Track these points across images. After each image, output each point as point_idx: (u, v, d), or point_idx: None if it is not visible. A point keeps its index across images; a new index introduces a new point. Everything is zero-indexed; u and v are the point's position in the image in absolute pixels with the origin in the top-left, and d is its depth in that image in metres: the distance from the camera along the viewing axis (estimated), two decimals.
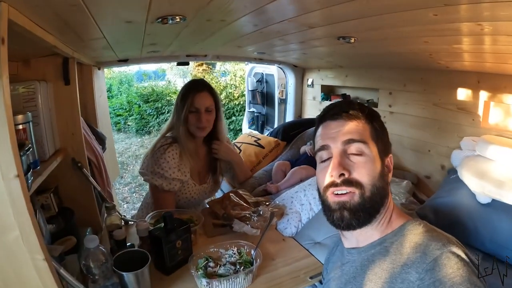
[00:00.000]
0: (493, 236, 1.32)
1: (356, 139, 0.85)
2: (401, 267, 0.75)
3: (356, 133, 0.86)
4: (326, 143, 0.89)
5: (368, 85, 2.67)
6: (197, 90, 1.77)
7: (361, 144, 0.85)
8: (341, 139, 0.86)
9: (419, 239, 0.78)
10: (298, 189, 1.82)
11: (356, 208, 0.83)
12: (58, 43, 1.22)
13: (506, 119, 1.71)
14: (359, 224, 0.84)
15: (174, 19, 1.09)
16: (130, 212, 4.74)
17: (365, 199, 0.83)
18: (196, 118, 1.76)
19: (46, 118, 1.38)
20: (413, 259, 0.74)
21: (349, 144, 0.86)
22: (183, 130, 1.76)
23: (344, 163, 0.84)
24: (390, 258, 0.79)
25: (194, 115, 1.76)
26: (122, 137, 9.15)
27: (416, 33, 1.28)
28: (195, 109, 1.75)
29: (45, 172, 1.23)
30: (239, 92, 8.42)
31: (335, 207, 0.85)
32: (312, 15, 1.14)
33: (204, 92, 1.78)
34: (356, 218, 0.83)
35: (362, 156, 0.85)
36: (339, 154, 0.86)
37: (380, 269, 0.80)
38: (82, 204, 1.63)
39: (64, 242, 1.35)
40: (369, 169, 0.84)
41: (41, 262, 0.84)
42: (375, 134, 0.89)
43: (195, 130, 1.78)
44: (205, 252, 1.32)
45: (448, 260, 0.69)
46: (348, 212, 0.83)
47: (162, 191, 1.71)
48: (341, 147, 0.86)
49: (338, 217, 0.85)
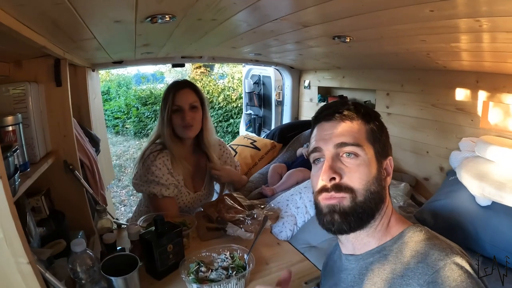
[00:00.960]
0: (494, 239, 1.30)
1: (349, 142, 0.81)
2: (402, 278, 0.71)
3: (349, 135, 0.82)
4: (318, 145, 0.85)
5: (365, 86, 2.66)
6: (178, 88, 1.69)
7: (354, 147, 0.80)
8: (333, 142, 0.82)
9: (421, 247, 0.74)
10: (294, 192, 1.80)
11: (346, 212, 0.79)
12: (48, 44, 1.19)
13: (505, 119, 1.69)
14: (350, 228, 0.80)
15: (163, 18, 1.07)
16: (127, 215, 4.71)
17: (357, 203, 0.79)
18: (181, 117, 1.66)
19: (37, 119, 1.36)
20: (415, 269, 0.70)
21: (341, 147, 0.81)
22: (168, 133, 1.68)
23: (335, 167, 0.80)
24: (390, 268, 0.75)
25: (177, 114, 1.67)
26: (120, 139, 9.12)
27: (413, 31, 1.26)
28: (177, 107, 1.67)
29: (34, 175, 1.21)
30: (237, 95, 8.42)
31: (326, 210, 0.81)
32: (305, 12, 1.12)
33: (186, 89, 1.70)
34: (347, 222, 0.79)
35: (356, 159, 0.80)
36: (331, 157, 0.82)
37: (380, 279, 0.76)
38: (74, 207, 1.60)
39: (54, 245, 1.33)
40: (362, 173, 0.80)
41: (25, 265, 0.81)
42: (372, 135, 0.84)
43: (182, 131, 1.69)
44: (197, 257, 1.28)
45: (452, 272, 0.66)
46: (339, 216, 0.80)
47: (162, 197, 1.64)
48: (333, 150, 0.82)
49: (329, 220, 0.81)
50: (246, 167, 2.60)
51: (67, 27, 1.11)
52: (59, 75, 1.46)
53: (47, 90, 1.45)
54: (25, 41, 0.99)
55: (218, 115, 8.51)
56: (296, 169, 2.20)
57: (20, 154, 1.14)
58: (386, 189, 0.84)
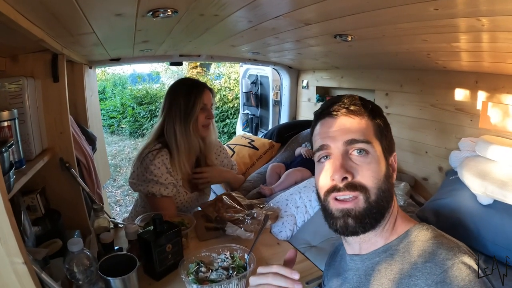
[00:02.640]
0: (496, 238, 1.30)
1: (359, 139, 0.77)
2: (409, 278, 0.70)
3: (359, 131, 0.78)
4: (325, 143, 0.80)
5: (364, 86, 2.65)
6: (202, 87, 1.72)
7: (364, 144, 0.77)
8: (343, 139, 0.78)
9: (428, 246, 0.72)
10: (293, 192, 1.78)
11: (362, 215, 0.76)
12: (45, 37, 1.17)
13: (504, 120, 1.69)
14: (364, 230, 0.77)
15: (165, 12, 1.05)
16: (122, 215, 4.68)
17: (371, 203, 0.76)
18: (206, 116, 1.72)
19: (33, 115, 1.33)
20: (422, 269, 0.69)
21: (351, 144, 0.77)
22: (193, 133, 1.69)
23: (346, 165, 0.77)
24: (397, 268, 0.74)
25: (203, 113, 1.71)
26: (115, 139, 9.06)
27: (415, 31, 1.25)
28: (204, 106, 1.71)
29: (30, 172, 1.18)
30: (233, 95, 8.40)
31: (338, 214, 0.78)
32: (308, 9, 1.10)
33: (207, 90, 1.74)
34: (361, 226, 0.76)
35: (366, 156, 0.77)
36: (341, 155, 0.78)
37: (387, 279, 0.74)
38: (70, 206, 1.57)
39: (49, 245, 1.30)
40: (373, 171, 0.76)
41: (20, 265, 0.79)
42: (379, 131, 0.81)
43: (203, 130, 1.73)
44: (196, 257, 1.25)
45: (460, 271, 0.64)
46: (354, 220, 0.76)
47: (161, 196, 1.62)
48: (342, 148, 0.78)
49: (342, 225, 0.77)
50: (244, 166, 2.59)
51: (66, 19, 1.08)
52: (56, 70, 1.44)
53: (44, 86, 1.42)
54: (23, 32, 0.96)
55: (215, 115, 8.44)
56: (295, 169, 2.18)
57: (15, 150, 1.12)
58: (393, 187, 0.82)
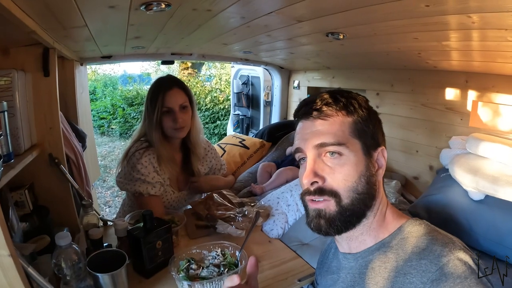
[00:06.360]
0: (487, 233, 1.31)
1: (330, 142, 0.75)
2: (404, 276, 0.69)
3: (330, 134, 0.76)
4: (299, 146, 0.80)
5: (355, 86, 2.65)
6: (167, 88, 1.61)
7: (335, 147, 0.75)
8: (313, 143, 0.77)
9: (422, 242, 0.72)
10: (284, 190, 1.78)
11: (333, 217, 0.76)
12: (37, 29, 1.15)
13: (494, 119, 1.71)
14: (337, 232, 0.78)
15: (159, 5, 1.04)
16: (112, 216, 4.62)
17: (343, 207, 0.75)
18: (172, 119, 1.61)
19: (22, 109, 1.31)
20: (417, 267, 0.68)
21: (322, 147, 0.76)
22: (158, 135, 1.62)
23: (317, 169, 0.76)
24: (391, 265, 0.73)
25: (168, 116, 1.61)
26: (105, 140, 8.97)
27: (406, 28, 1.25)
28: (168, 109, 1.60)
29: (18, 166, 1.15)
30: (224, 96, 8.40)
31: (313, 214, 0.78)
32: (300, 5, 1.10)
33: (175, 89, 1.63)
34: (333, 228, 0.76)
35: (340, 158, 0.76)
36: (312, 159, 0.77)
37: (382, 278, 0.73)
38: (59, 202, 1.54)
39: (37, 241, 1.27)
40: (346, 174, 0.75)
41: (6, 258, 0.77)
42: (356, 128, 0.78)
43: (173, 132, 1.64)
44: (187, 254, 1.24)
45: (455, 268, 0.64)
46: (324, 221, 0.76)
47: (148, 196, 1.59)
48: (314, 151, 0.77)
49: (316, 225, 0.78)
50: (235, 165, 2.57)
51: (59, 10, 1.06)
52: (47, 64, 1.41)
53: (35, 80, 1.40)
54: (15, 22, 0.94)
55: (205, 117, 8.46)
56: (286, 168, 2.18)
57: (4, 143, 1.09)
58: (377, 184, 0.80)
